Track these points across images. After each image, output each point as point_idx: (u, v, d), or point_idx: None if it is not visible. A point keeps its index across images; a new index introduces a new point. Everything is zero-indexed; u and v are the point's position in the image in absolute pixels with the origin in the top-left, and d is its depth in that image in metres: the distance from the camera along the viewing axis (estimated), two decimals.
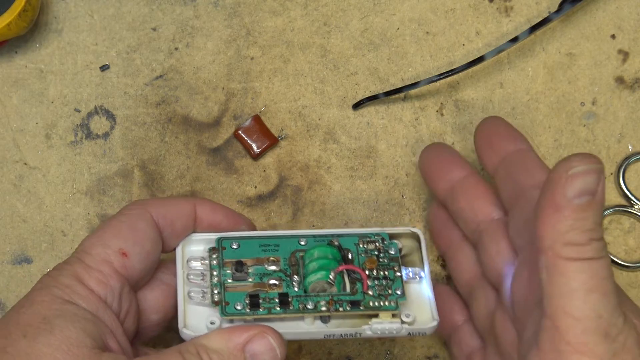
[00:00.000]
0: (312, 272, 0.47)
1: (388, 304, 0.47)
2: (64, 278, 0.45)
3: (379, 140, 0.59)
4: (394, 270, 0.48)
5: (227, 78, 0.59)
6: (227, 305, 0.46)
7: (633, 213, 0.58)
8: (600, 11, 0.60)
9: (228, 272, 0.47)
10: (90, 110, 0.58)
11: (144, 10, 0.59)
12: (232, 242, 0.49)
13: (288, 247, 0.49)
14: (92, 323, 0.44)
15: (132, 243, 0.47)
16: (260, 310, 0.46)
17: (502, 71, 0.60)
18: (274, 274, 0.48)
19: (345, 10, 0.60)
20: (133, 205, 0.49)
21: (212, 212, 0.50)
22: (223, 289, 0.47)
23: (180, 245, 0.49)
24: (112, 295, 0.46)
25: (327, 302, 0.47)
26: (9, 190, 0.57)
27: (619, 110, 0.59)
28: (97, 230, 0.48)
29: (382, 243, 0.49)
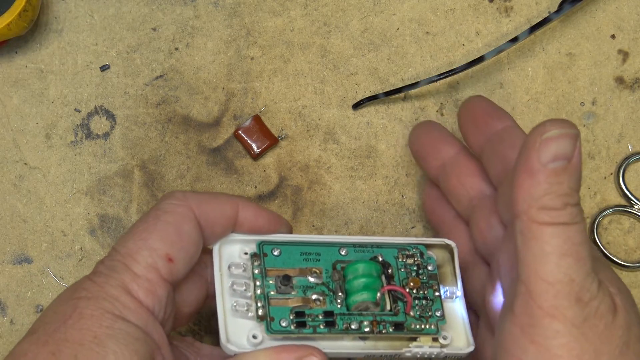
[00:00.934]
0: (358, 291, 0.46)
1: (429, 328, 0.47)
2: (112, 289, 0.43)
3: (379, 140, 0.59)
4: (433, 289, 0.48)
5: (227, 78, 0.59)
6: (273, 321, 0.45)
7: (633, 213, 0.58)
8: (600, 11, 0.60)
9: (271, 284, 0.46)
10: (91, 110, 0.58)
11: (144, 10, 0.59)
12: (274, 248, 0.47)
13: (329, 257, 0.48)
14: (142, 342, 0.42)
15: (178, 248, 0.45)
16: (306, 329, 0.45)
17: (502, 71, 0.60)
18: (317, 288, 0.46)
19: (345, 10, 0.60)
20: (177, 202, 0.46)
21: (255, 216, 0.48)
22: (267, 303, 0.45)
23: (216, 246, 0.47)
24: (159, 305, 0.44)
25: (370, 323, 0.46)
26: (9, 190, 0.57)
27: (619, 110, 0.59)
28: (139, 230, 0.45)
29: (421, 258, 0.49)
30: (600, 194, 0.59)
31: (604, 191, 0.59)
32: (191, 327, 0.56)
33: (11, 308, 0.56)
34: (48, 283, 0.56)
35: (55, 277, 0.56)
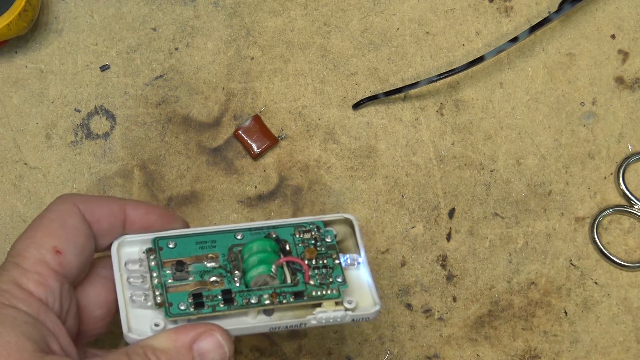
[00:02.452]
0: (253, 267, 0.47)
1: (330, 293, 0.47)
2: (3, 284, 0.44)
3: (379, 140, 0.59)
4: (332, 258, 0.48)
5: (227, 78, 0.59)
6: (171, 306, 0.46)
7: (633, 213, 0.58)
8: (600, 11, 0.60)
9: (168, 273, 0.47)
10: (90, 110, 0.58)
11: (144, 10, 0.59)
12: (169, 241, 0.48)
13: (225, 243, 0.48)
14: (32, 326, 0.43)
15: (65, 240, 0.46)
16: (205, 308, 0.46)
17: (502, 71, 0.60)
18: (214, 271, 0.47)
19: (345, 10, 0.60)
20: (60, 201, 0.48)
21: (146, 213, 0.49)
22: (165, 290, 0.46)
23: (114, 246, 0.48)
24: (52, 295, 0.45)
25: (270, 296, 0.46)
26: (9, 190, 0.57)
27: (619, 110, 0.59)
28: (27, 231, 0.47)
29: (318, 232, 0.49)
30: (600, 194, 0.59)
31: (604, 191, 0.59)
32: None
33: None
34: None
35: None
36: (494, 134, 0.59)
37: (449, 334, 0.57)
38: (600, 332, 0.57)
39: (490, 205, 0.58)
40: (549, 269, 0.58)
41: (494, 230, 0.58)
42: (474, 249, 0.58)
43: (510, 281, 0.58)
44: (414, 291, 0.57)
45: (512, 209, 0.58)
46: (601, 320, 0.58)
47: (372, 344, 0.57)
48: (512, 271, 0.58)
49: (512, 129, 0.59)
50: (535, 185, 0.59)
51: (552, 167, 0.59)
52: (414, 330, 0.57)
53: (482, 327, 0.57)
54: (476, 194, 0.58)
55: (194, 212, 0.57)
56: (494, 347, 0.57)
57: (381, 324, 0.57)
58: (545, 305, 0.57)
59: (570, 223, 0.58)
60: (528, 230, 0.58)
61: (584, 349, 0.57)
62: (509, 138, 0.59)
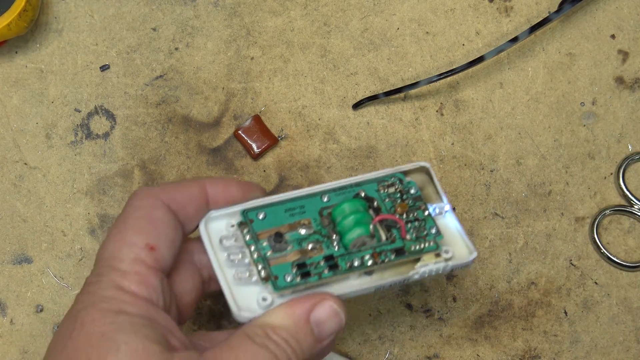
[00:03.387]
0: (350, 229, 0.46)
1: (428, 245, 0.47)
2: (105, 290, 0.43)
3: (379, 140, 0.59)
4: (421, 210, 0.48)
5: (227, 78, 0.59)
6: (277, 279, 0.45)
7: (633, 213, 0.58)
8: (600, 11, 0.60)
9: (265, 245, 0.46)
10: (90, 110, 0.58)
11: (144, 10, 0.59)
12: (258, 212, 0.47)
13: (313, 207, 0.47)
14: (150, 328, 0.43)
15: (156, 235, 0.45)
16: (311, 277, 0.45)
17: (502, 71, 0.60)
18: (311, 238, 0.46)
19: (345, 10, 0.60)
20: (140, 196, 0.47)
21: (226, 188, 0.48)
22: (267, 263, 0.45)
23: (202, 226, 0.47)
24: (156, 293, 0.44)
25: (371, 256, 0.46)
26: (9, 190, 0.57)
27: (619, 110, 0.59)
28: (114, 232, 0.45)
29: (401, 185, 0.48)
30: (600, 194, 0.59)
31: (604, 191, 0.59)
32: (191, 327, 0.56)
33: (11, 308, 0.56)
34: (48, 283, 0.56)
35: (55, 277, 0.56)
36: (494, 134, 0.59)
37: (449, 334, 0.57)
38: (600, 332, 0.57)
39: (490, 205, 0.58)
40: (549, 269, 0.58)
41: (494, 230, 0.58)
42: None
43: (510, 281, 0.58)
44: (414, 291, 0.57)
45: (512, 209, 0.58)
46: (601, 320, 0.58)
47: (372, 344, 0.57)
48: (512, 271, 0.58)
49: (512, 129, 0.59)
50: (535, 185, 0.59)
51: (552, 167, 0.59)
52: (414, 330, 0.57)
53: (482, 327, 0.57)
54: (476, 194, 0.58)
55: None
56: (494, 347, 0.57)
57: (381, 324, 0.57)
58: (545, 305, 0.57)
59: (570, 223, 0.58)
60: (528, 230, 0.58)
61: (584, 349, 0.57)
62: (509, 138, 0.59)
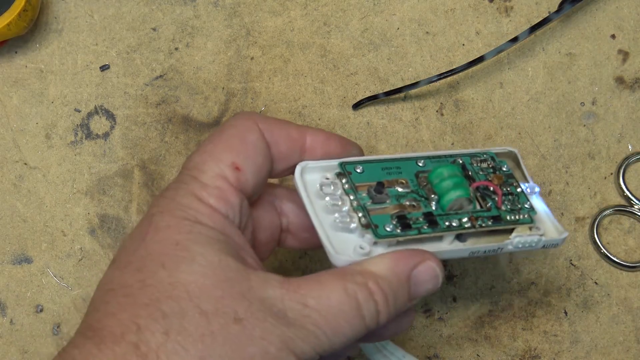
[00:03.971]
0: (449, 190, 0.46)
1: (523, 217, 0.47)
2: (183, 198, 0.42)
3: (379, 140, 0.59)
4: (514, 186, 0.48)
5: (227, 78, 0.59)
6: (377, 228, 0.44)
7: (633, 213, 0.58)
8: (600, 11, 0.60)
9: (365, 196, 0.45)
10: (90, 110, 0.58)
11: (144, 10, 0.59)
12: (356, 166, 0.46)
13: (410, 169, 0.47)
14: (226, 243, 0.41)
15: (244, 156, 0.44)
16: (411, 230, 0.44)
17: (502, 71, 0.60)
18: (409, 195, 0.46)
19: (345, 10, 0.60)
20: (240, 117, 0.45)
21: (327, 140, 0.47)
22: (367, 212, 0.44)
23: (298, 171, 0.45)
24: (233, 211, 0.43)
25: (469, 219, 0.46)
26: (9, 190, 0.57)
27: (619, 110, 0.59)
28: (205, 144, 0.44)
29: (493, 162, 0.49)
30: (600, 194, 0.59)
31: (604, 191, 0.59)
32: None
33: (11, 308, 0.56)
34: (48, 283, 0.56)
35: (55, 277, 0.56)
36: (494, 134, 0.59)
37: (449, 334, 0.57)
38: (600, 332, 0.57)
39: None
40: (549, 269, 0.58)
41: None
42: None
43: (510, 281, 0.58)
44: None
45: None
46: (601, 320, 0.58)
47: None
48: (512, 271, 0.58)
49: (512, 129, 0.59)
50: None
51: (552, 167, 0.59)
52: (414, 330, 0.57)
53: (482, 327, 0.57)
54: None
55: None
56: (494, 347, 0.57)
57: None
58: (545, 305, 0.57)
59: (570, 223, 0.58)
60: None
61: (584, 349, 0.57)
62: (509, 138, 0.59)
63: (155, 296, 0.39)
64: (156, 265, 0.40)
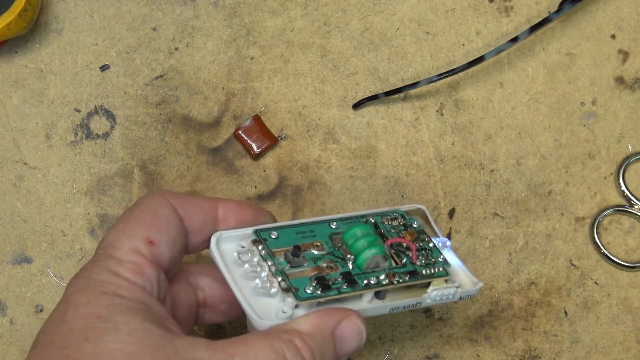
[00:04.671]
0: (365, 249, 0.46)
1: (439, 271, 0.48)
2: (99, 275, 0.42)
3: (379, 140, 0.59)
4: (426, 241, 0.49)
5: (227, 78, 0.59)
6: (298, 291, 0.44)
7: (633, 213, 0.58)
8: (600, 11, 0.60)
9: (282, 261, 0.46)
10: (90, 110, 0.58)
11: (144, 10, 0.59)
12: (270, 232, 0.47)
13: (323, 232, 0.48)
14: (147, 312, 0.41)
15: (157, 231, 0.44)
16: (331, 291, 0.45)
17: (502, 71, 0.60)
18: (325, 257, 0.47)
19: (345, 10, 0.60)
20: (150, 194, 0.46)
21: (239, 209, 0.47)
22: (286, 276, 0.45)
23: (214, 241, 0.46)
24: (150, 284, 0.43)
25: (386, 276, 0.46)
26: (9, 190, 0.57)
27: (619, 110, 0.59)
28: (117, 223, 0.45)
29: (404, 219, 0.50)
30: (600, 194, 0.59)
31: (604, 191, 0.59)
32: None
33: (11, 308, 0.56)
34: (48, 283, 0.56)
35: (55, 277, 0.56)
36: (494, 134, 0.59)
37: (449, 334, 0.57)
38: (601, 332, 0.57)
39: (490, 205, 0.58)
40: (549, 269, 0.58)
41: (494, 230, 0.58)
42: (474, 249, 0.58)
43: (510, 281, 0.58)
44: None
45: (512, 209, 0.58)
46: (601, 320, 0.58)
47: (372, 344, 0.57)
48: (512, 271, 0.58)
49: (512, 129, 0.59)
50: (535, 185, 0.59)
51: (552, 167, 0.59)
52: (414, 330, 0.57)
53: (482, 327, 0.57)
54: (476, 194, 0.58)
55: None
56: (494, 347, 0.57)
57: (381, 324, 0.57)
58: (545, 305, 0.57)
59: (571, 223, 0.58)
60: (528, 230, 0.58)
61: (584, 349, 0.57)
62: (509, 138, 0.59)
63: None
64: (80, 339, 0.40)
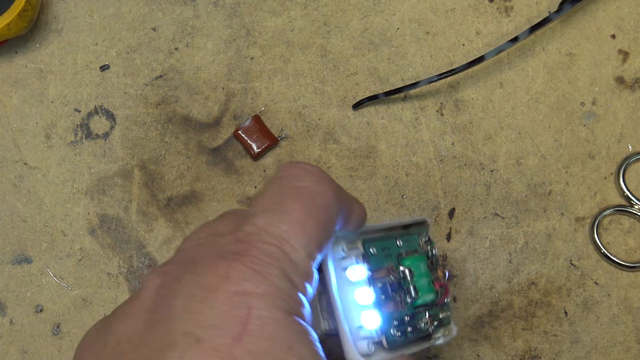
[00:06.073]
0: (425, 292, 0.46)
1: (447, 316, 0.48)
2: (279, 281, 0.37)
3: (379, 140, 0.59)
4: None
5: (227, 78, 0.59)
6: (387, 334, 0.44)
7: (633, 213, 0.58)
8: (600, 11, 0.60)
9: (380, 287, 0.44)
10: (90, 110, 0.58)
11: (144, 10, 0.59)
12: (371, 246, 0.44)
13: (394, 251, 0.46)
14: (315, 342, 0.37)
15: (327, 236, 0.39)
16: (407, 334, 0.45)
17: (502, 71, 0.60)
18: (396, 289, 0.46)
19: (345, 10, 0.60)
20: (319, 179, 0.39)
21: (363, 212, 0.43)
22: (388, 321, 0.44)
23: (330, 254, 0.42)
24: (310, 297, 0.39)
25: (427, 321, 0.47)
26: (9, 190, 0.57)
27: (619, 110, 0.59)
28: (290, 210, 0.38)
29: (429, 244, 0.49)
30: (600, 194, 0.59)
31: (604, 191, 0.59)
32: None
33: (11, 308, 0.56)
34: (48, 283, 0.56)
35: (55, 277, 0.56)
36: (494, 134, 0.59)
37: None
38: (601, 332, 0.57)
39: (490, 205, 0.58)
40: (549, 269, 0.58)
41: (494, 230, 0.58)
42: (474, 249, 0.58)
43: (510, 281, 0.58)
44: None
45: (512, 209, 0.58)
46: (601, 320, 0.58)
47: None
48: (512, 271, 0.58)
49: (512, 129, 0.59)
50: (535, 185, 0.59)
51: (552, 167, 0.59)
52: None
53: (482, 327, 0.57)
54: (476, 194, 0.58)
55: (194, 212, 0.57)
56: (494, 347, 0.57)
57: None
58: (545, 305, 0.57)
59: (571, 223, 0.58)
60: (528, 230, 0.58)
61: (584, 349, 0.57)
62: (509, 138, 0.59)
63: None
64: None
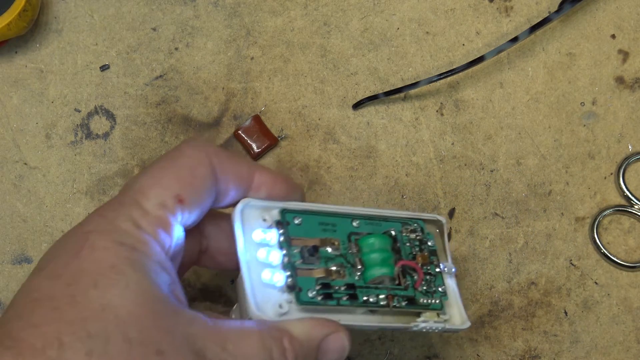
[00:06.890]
0: (376, 265, 0.46)
1: (434, 303, 0.48)
2: (122, 223, 0.42)
3: (379, 140, 0.59)
4: (434, 265, 0.49)
5: (227, 78, 0.59)
6: (301, 292, 0.45)
7: (633, 213, 0.58)
8: (600, 11, 0.60)
9: (296, 253, 0.45)
10: (90, 110, 0.58)
11: (144, 10, 0.59)
12: (295, 216, 0.46)
13: (344, 229, 0.47)
14: (159, 274, 0.41)
15: (190, 190, 0.43)
16: (331, 301, 0.45)
17: (502, 71, 0.60)
18: (336, 259, 0.46)
19: (345, 10, 0.60)
20: (194, 147, 0.45)
21: (273, 181, 0.46)
22: (294, 272, 0.45)
23: (239, 209, 0.45)
24: (168, 243, 0.43)
25: (386, 297, 0.46)
26: (9, 190, 0.57)
27: (619, 110, 0.59)
28: (153, 169, 0.44)
29: (422, 234, 0.49)
30: (600, 194, 0.59)
31: (604, 191, 0.59)
32: None
33: None
34: None
35: None
36: (494, 134, 0.59)
37: (449, 334, 0.57)
38: (601, 332, 0.57)
39: (490, 205, 0.58)
40: (549, 269, 0.58)
41: (494, 230, 0.58)
42: (474, 249, 0.58)
43: (510, 281, 0.58)
44: None
45: (512, 209, 0.58)
46: (601, 320, 0.58)
47: (372, 344, 0.57)
48: (512, 271, 0.58)
49: (512, 129, 0.59)
50: (535, 185, 0.59)
51: (552, 167, 0.59)
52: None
53: (482, 327, 0.57)
54: (476, 194, 0.58)
55: None
56: (494, 347, 0.57)
57: None
58: (545, 305, 0.57)
59: (570, 223, 0.58)
60: (528, 230, 0.58)
61: (584, 349, 0.57)
62: (509, 138, 0.59)
63: (83, 315, 0.39)
64: (88, 284, 0.40)
